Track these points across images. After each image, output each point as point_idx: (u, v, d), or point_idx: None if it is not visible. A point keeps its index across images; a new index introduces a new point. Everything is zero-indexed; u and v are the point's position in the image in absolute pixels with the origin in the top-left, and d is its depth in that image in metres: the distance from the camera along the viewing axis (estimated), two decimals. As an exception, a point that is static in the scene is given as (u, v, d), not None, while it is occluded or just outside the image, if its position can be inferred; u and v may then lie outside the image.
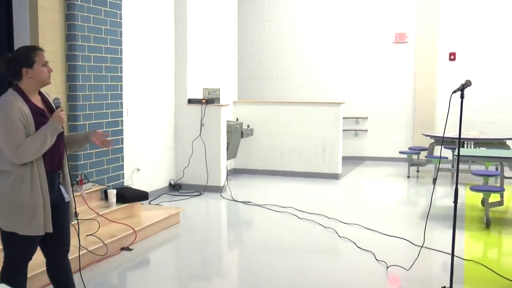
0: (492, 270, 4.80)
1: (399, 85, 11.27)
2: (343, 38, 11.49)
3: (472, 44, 10.77)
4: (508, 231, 6.23)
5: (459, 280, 4.55)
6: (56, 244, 3.52)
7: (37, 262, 3.79)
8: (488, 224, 6.32)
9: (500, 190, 6.75)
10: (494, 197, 6.88)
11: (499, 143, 8.73)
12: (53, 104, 3.42)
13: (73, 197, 3.58)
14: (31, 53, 3.27)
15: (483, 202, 6.64)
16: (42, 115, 3.30)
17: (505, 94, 10.53)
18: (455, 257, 4.15)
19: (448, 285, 4.09)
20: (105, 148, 3.62)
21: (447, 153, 9.67)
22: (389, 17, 11.22)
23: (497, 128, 10.23)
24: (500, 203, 6.97)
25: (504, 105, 10.49)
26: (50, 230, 3.30)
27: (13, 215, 3.20)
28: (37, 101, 3.34)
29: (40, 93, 3.40)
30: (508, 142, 8.78)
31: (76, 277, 3.72)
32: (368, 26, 11.34)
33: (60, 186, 3.48)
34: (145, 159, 7.61)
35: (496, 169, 8.23)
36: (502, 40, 10.58)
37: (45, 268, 3.68)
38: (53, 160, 3.37)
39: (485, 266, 4.93)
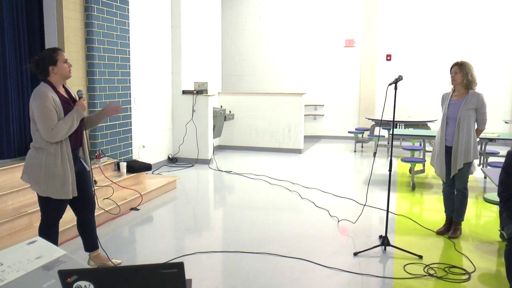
0: (416, 222, 4.94)
1: (348, 79, 11.35)
2: (305, 43, 11.48)
3: (403, 48, 10.88)
4: (428, 192, 6.36)
5: (392, 230, 4.66)
6: (83, 204, 3.54)
7: (67, 219, 3.81)
8: (413, 187, 6.46)
9: (423, 161, 6.90)
10: (418, 166, 7.04)
11: (422, 124, 8.87)
12: (76, 95, 3.41)
13: (91, 168, 3.59)
14: (53, 54, 3.26)
15: (410, 170, 6.77)
16: (68, 103, 3.30)
17: (427, 86, 10.69)
18: (389, 213, 4.23)
19: (383, 233, 4.18)
20: (118, 113, 3.60)
21: (384, 133, 9.86)
22: (340, 27, 11.24)
23: (421, 113, 10.41)
24: (423, 171, 7.13)
25: (426, 95, 10.65)
26: (75, 194, 3.33)
27: (48, 183, 3.20)
28: (62, 92, 3.34)
29: (63, 86, 3.39)
30: (429, 124, 8.94)
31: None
32: (324, 34, 11.35)
33: (81, 159, 3.48)
34: (149, 138, 7.57)
35: (420, 144, 8.40)
36: (426, 45, 10.71)
37: (72, 224, 3.70)
38: (76, 140, 3.38)
39: (411, 219, 5.06)
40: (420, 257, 3.95)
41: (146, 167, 6.39)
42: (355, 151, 9.73)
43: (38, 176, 3.21)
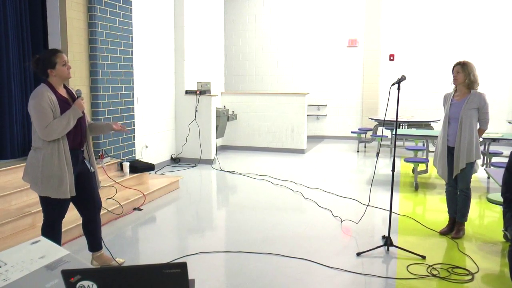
0: (419, 222, 4.93)
1: (351, 79, 11.34)
2: (308, 43, 11.48)
3: (406, 48, 10.87)
4: (431, 192, 6.35)
5: (395, 230, 4.64)
6: (87, 204, 3.55)
7: (70, 219, 3.82)
8: (416, 187, 6.45)
9: (426, 161, 6.89)
10: (421, 167, 7.02)
11: (425, 124, 8.86)
12: (75, 94, 3.42)
13: (96, 169, 3.59)
14: (52, 57, 3.25)
15: (413, 170, 6.76)
16: (66, 102, 3.31)
17: (430, 86, 10.67)
18: (392, 213, 4.23)
19: (386, 234, 4.17)
20: (123, 132, 3.63)
21: (387, 133, 9.84)
22: (343, 27, 11.23)
23: (424, 113, 10.39)
24: (426, 171, 7.11)
25: (429, 95, 10.64)
26: (74, 194, 3.32)
27: (45, 183, 3.21)
28: (62, 92, 3.35)
29: (65, 86, 3.41)
30: (432, 124, 8.93)
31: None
32: (327, 34, 11.34)
33: (84, 161, 3.48)
34: (152, 138, 7.58)
35: (423, 144, 8.38)
36: (429, 45, 10.69)
37: (75, 224, 3.70)
38: (75, 140, 3.37)
39: (414, 219, 5.05)
40: (423, 257, 3.94)
41: (149, 167, 6.40)
42: (358, 151, 9.72)
43: (36, 176, 3.22)
